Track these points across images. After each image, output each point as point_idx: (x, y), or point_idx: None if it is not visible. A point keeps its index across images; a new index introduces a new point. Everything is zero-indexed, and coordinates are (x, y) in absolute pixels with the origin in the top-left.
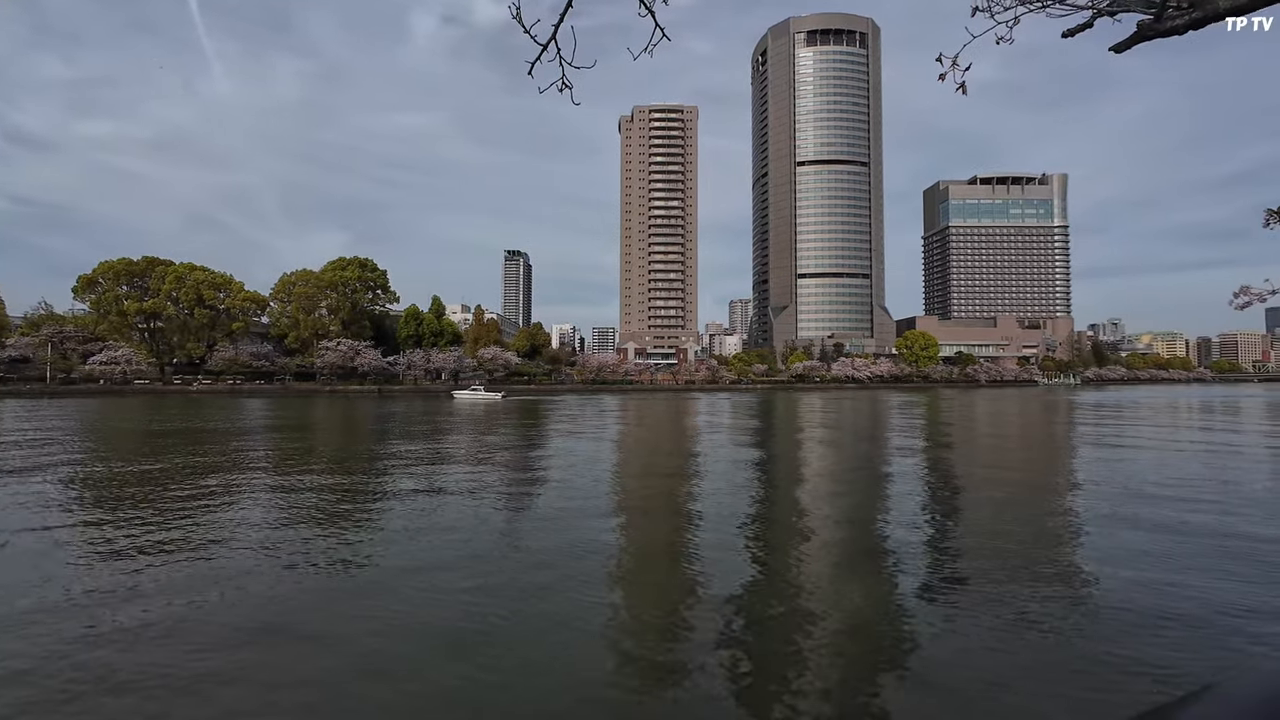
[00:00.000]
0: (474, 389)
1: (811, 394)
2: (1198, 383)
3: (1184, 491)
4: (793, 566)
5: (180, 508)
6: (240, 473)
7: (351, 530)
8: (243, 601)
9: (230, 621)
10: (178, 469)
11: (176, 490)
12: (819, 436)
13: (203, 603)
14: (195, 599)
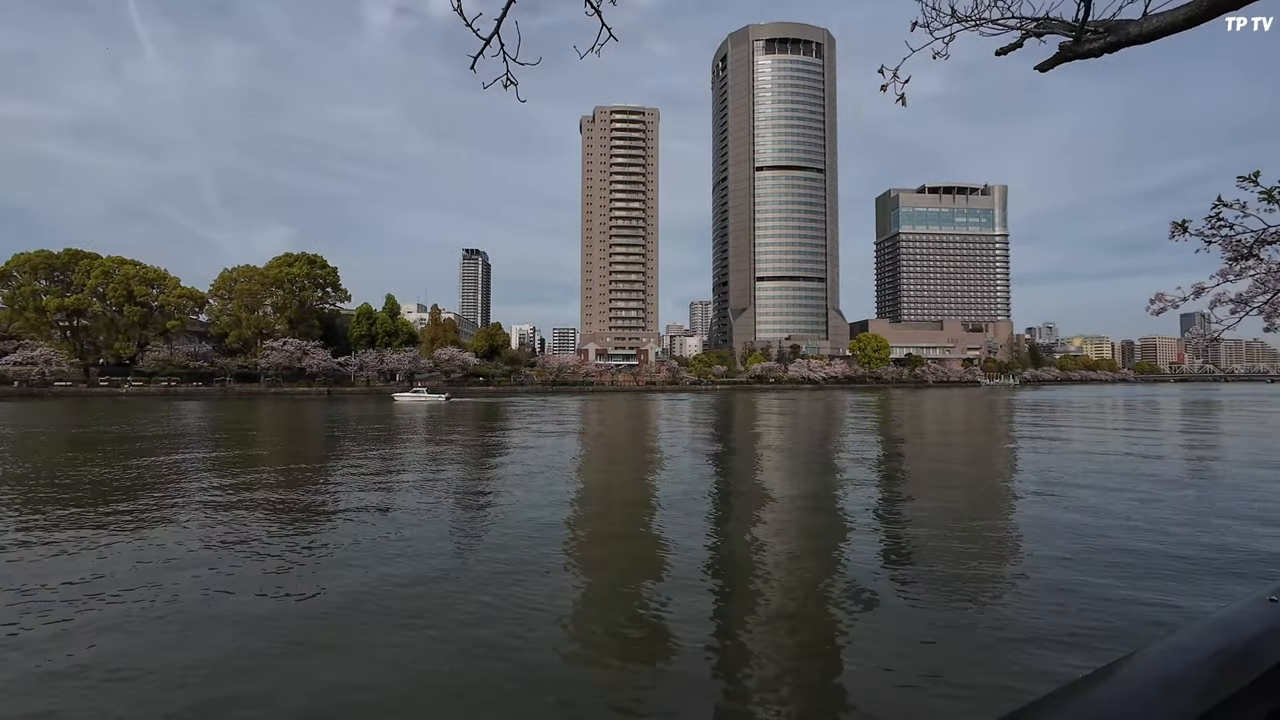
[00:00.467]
0: (416, 390)
1: (769, 394)
2: (1122, 383)
3: (1103, 480)
4: (754, 543)
5: (94, 524)
6: (149, 491)
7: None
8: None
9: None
10: (89, 480)
11: (89, 505)
12: (778, 435)
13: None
14: (114, 644)
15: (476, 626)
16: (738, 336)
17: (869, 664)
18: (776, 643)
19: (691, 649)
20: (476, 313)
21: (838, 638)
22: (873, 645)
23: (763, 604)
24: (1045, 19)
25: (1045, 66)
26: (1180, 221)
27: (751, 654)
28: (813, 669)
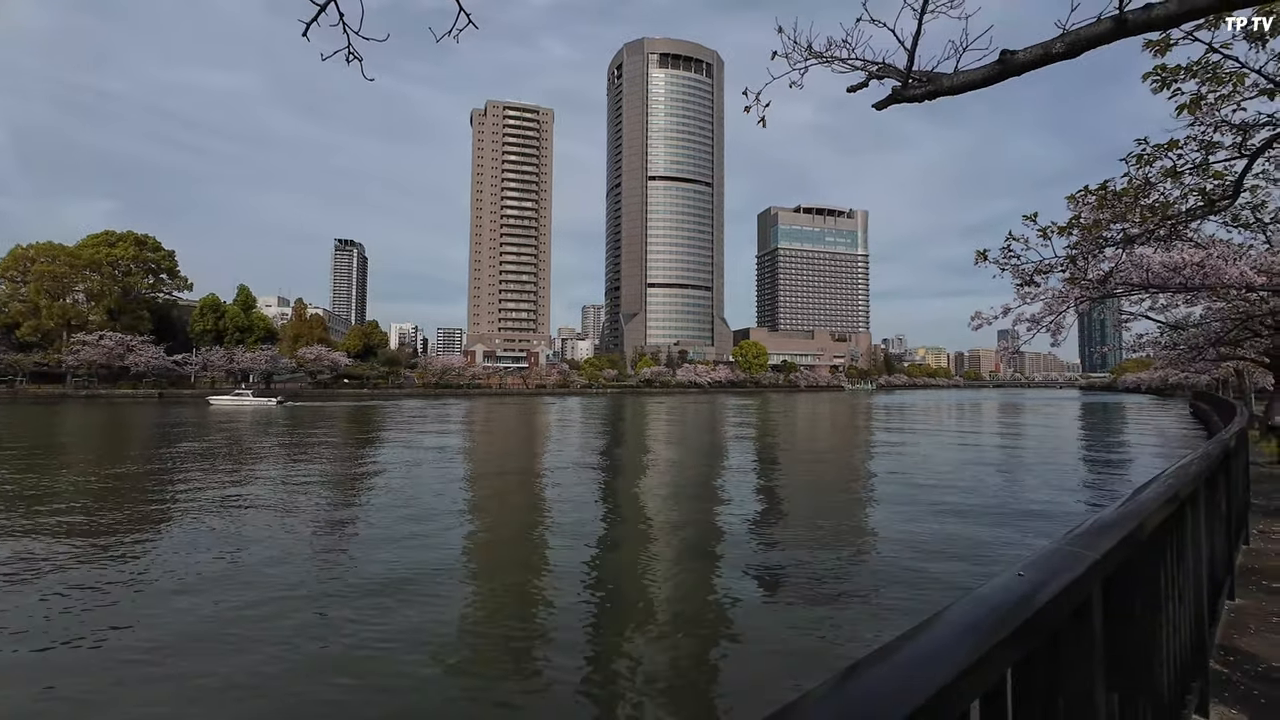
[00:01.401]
0: (239, 394)
1: (658, 398)
2: (954, 388)
3: (943, 466)
4: (639, 563)
5: None
6: None
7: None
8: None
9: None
10: None
11: None
12: (666, 444)
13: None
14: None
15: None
16: (629, 341)
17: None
18: (653, 657)
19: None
20: (351, 309)
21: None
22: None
23: (638, 617)
24: (884, 65)
25: (881, 105)
26: (982, 251)
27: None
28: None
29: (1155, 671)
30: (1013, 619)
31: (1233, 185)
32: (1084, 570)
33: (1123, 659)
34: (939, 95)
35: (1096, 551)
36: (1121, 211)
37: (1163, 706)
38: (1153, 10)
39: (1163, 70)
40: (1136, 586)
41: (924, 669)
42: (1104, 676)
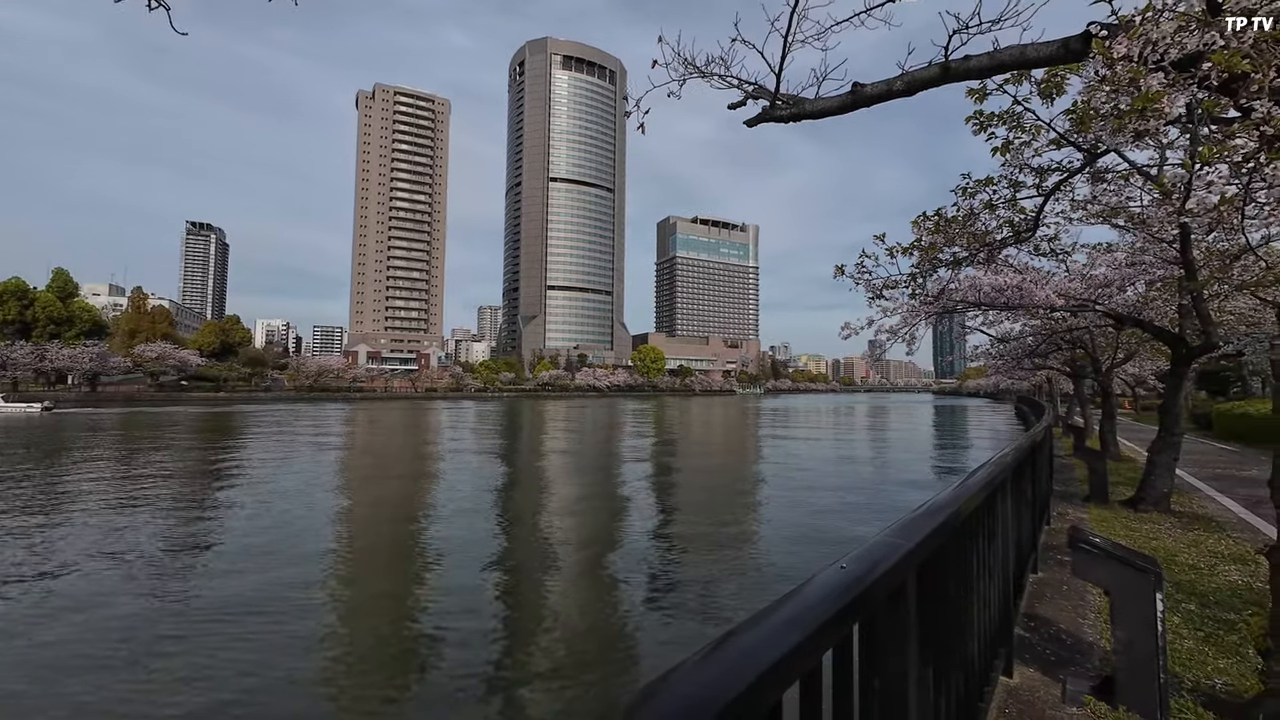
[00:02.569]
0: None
1: (557, 403)
2: (831, 392)
3: (818, 464)
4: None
5: None
6: None
7: None
8: None
9: None
10: None
11: None
12: (563, 452)
13: None
14: None
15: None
16: (527, 344)
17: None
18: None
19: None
20: (207, 303)
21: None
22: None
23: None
24: (757, 85)
25: (752, 122)
26: (840, 266)
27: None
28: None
29: (967, 642)
30: (832, 606)
31: (1033, 219)
32: (899, 558)
33: (938, 634)
34: (803, 118)
35: (912, 541)
36: (952, 236)
37: (973, 673)
38: (969, 61)
39: (980, 115)
40: (950, 568)
41: (750, 658)
42: (918, 652)
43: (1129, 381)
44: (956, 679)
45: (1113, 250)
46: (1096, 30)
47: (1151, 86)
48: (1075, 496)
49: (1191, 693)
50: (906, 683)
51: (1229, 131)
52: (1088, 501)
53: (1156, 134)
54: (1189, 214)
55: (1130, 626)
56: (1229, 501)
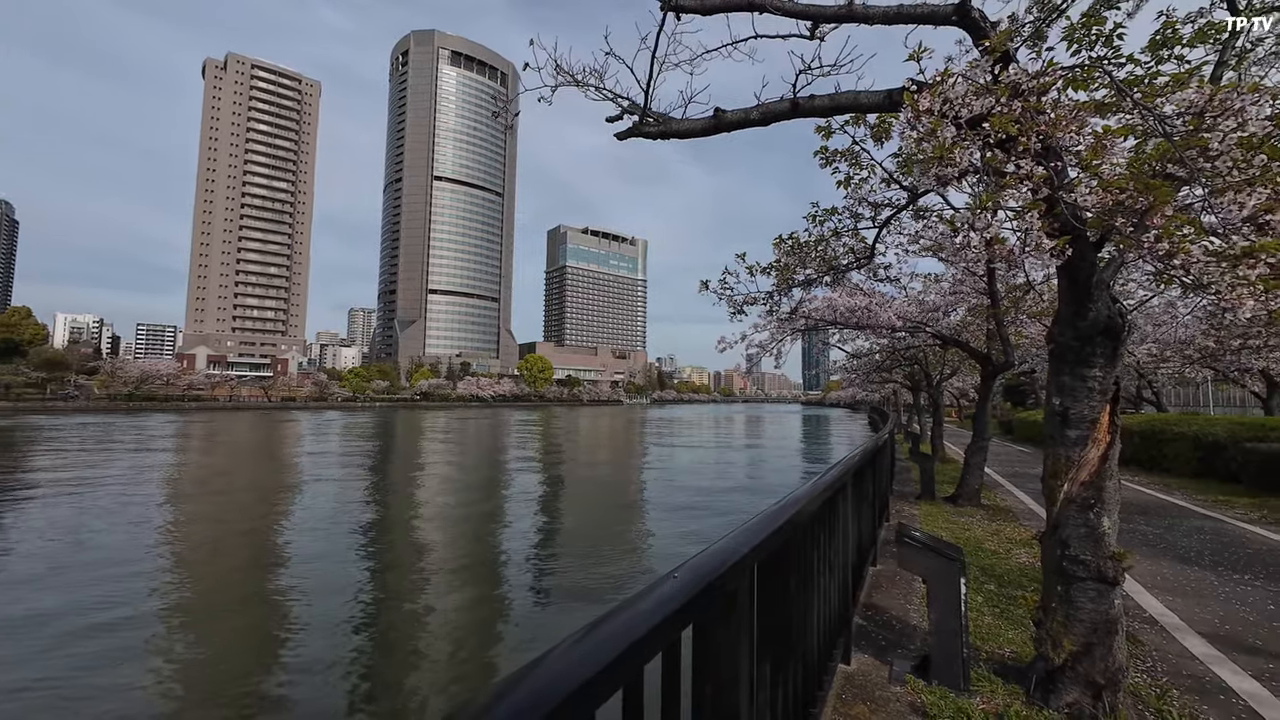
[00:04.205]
0: None
1: (437, 413)
2: (712, 402)
3: (701, 466)
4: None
5: None
6: None
7: None
8: None
9: None
10: None
11: None
12: (441, 451)
13: None
14: None
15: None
16: (404, 350)
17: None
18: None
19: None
20: None
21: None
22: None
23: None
24: (631, 101)
25: (621, 135)
26: (705, 281)
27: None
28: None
29: (808, 636)
30: (657, 615)
31: (869, 249)
32: (735, 563)
33: (778, 630)
34: (670, 136)
35: (749, 544)
36: (804, 259)
37: (812, 664)
38: (814, 100)
39: (825, 151)
40: (792, 567)
41: (564, 677)
42: (756, 651)
43: (955, 394)
44: (796, 671)
45: (940, 280)
46: (910, 86)
47: (947, 139)
48: (911, 494)
49: (987, 662)
50: (738, 686)
51: (1004, 183)
52: (920, 498)
53: (958, 180)
54: (973, 249)
55: (941, 609)
56: (1023, 495)
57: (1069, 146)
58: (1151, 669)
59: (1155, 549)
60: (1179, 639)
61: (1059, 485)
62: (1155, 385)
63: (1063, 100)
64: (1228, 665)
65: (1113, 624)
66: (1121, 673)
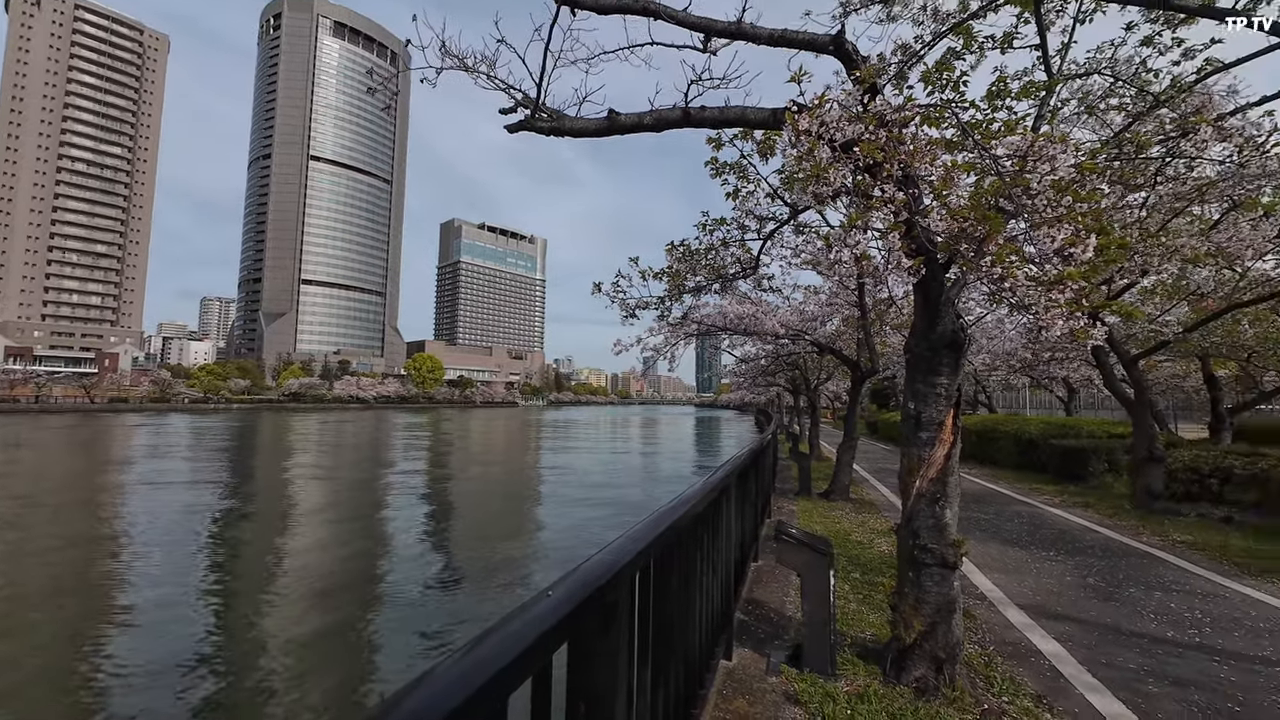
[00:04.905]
0: None
1: (309, 415)
2: (610, 404)
3: (591, 470)
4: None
5: None
6: None
7: None
8: None
9: None
10: None
11: None
12: (297, 460)
13: None
14: None
15: None
16: (272, 346)
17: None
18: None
19: None
20: None
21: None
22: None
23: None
24: (524, 94)
25: (512, 128)
26: (598, 284)
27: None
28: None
29: (690, 636)
30: (529, 635)
31: (754, 259)
32: (614, 574)
33: (661, 634)
34: (564, 134)
35: (630, 553)
36: (694, 266)
37: (695, 663)
38: (705, 111)
39: (716, 162)
40: (675, 570)
41: (441, 699)
42: (637, 657)
43: (830, 397)
44: (678, 673)
45: (819, 292)
46: (792, 107)
47: (821, 159)
48: (790, 491)
49: (851, 646)
50: (616, 698)
51: (870, 204)
52: (798, 495)
53: (833, 200)
54: (844, 264)
55: (813, 601)
56: (885, 489)
57: (924, 176)
58: (982, 640)
59: (986, 533)
60: (1002, 611)
61: (913, 481)
62: (988, 390)
63: (920, 135)
64: (1038, 631)
65: (952, 604)
66: (959, 646)
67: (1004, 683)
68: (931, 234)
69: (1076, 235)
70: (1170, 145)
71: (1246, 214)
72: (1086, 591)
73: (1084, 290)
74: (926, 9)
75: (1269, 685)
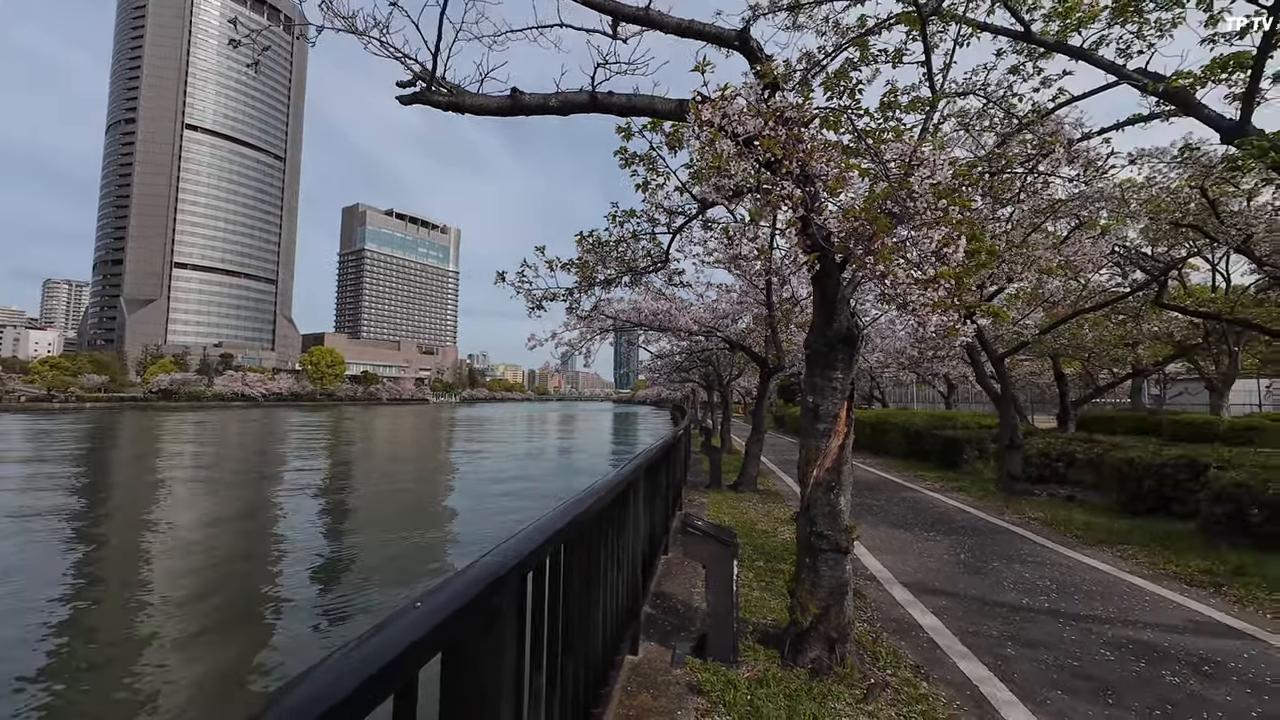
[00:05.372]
0: None
1: (183, 414)
2: (527, 401)
3: (504, 472)
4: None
5: None
6: None
7: None
8: None
9: None
10: None
11: None
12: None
13: None
14: None
15: None
16: (137, 336)
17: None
18: None
19: None
20: None
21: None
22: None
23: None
24: (422, 66)
25: (405, 100)
26: (501, 273)
27: None
28: None
29: (591, 635)
30: (389, 652)
31: (664, 253)
32: (496, 578)
33: (560, 629)
34: (464, 110)
35: (518, 556)
36: (604, 258)
37: (596, 662)
38: (612, 97)
39: (625, 152)
40: (573, 567)
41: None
42: (530, 657)
43: (741, 392)
44: (578, 673)
45: (730, 290)
46: (697, 98)
47: (724, 151)
48: (701, 484)
49: (752, 634)
50: (500, 705)
51: (769, 199)
52: (709, 487)
53: (735, 195)
54: (745, 259)
55: (717, 591)
56: (789, 480)
57: (820, 175)
58: (871, 618)
59: (878, 518)
60: (889, 590)
61: (810, 471)
62: (881, 386)
63: (819, 136)
64: (918, 606)
65: (844, 586)
66: (850, 626)
67: (888, 657)
68: (826, 232)
69: (949, 238)
70: (1031, 164)
71: (1088, 231)
72: (959, 567)
73: (955, 289)
74: (829, 20)
75: (1099, 641)
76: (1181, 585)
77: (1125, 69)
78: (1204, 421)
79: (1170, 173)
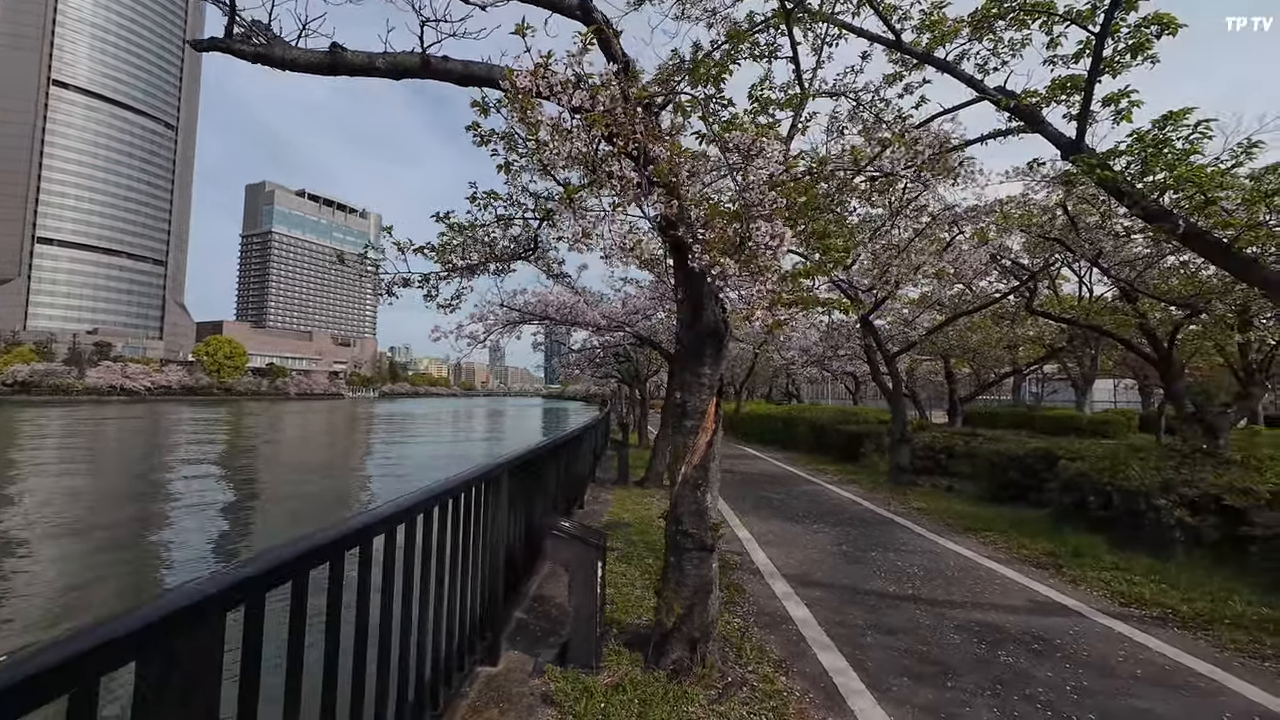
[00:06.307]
0: None
1: (45, 410)
2: (452, 396)
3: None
4: None
5: None
6: None
7: None
8: None
9: None
10: None
11: None
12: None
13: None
14: None
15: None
16: None
17: None
18: None
19: None
20: None
21: None
22: None
23: None
24: (240, 14)
25: (200, 45)
26: (340, 254)
27: None
28: None
29: (424, 648)
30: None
31: (533, 240)
32: (204, 598)
33: (378, 644)
34: (273, 64)
35: (213, 590)
36: (464, 243)
37: (426, 679)
38: (448, 63)
39: (479, 128)
40: (393, 574)
41: None
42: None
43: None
44: (402, 694)
45: (643, 286)
46: (518, 65)
47: (538, 119)
48: (610, 480)
49: (618, 637)
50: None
51: (597, 179)
52: (616, 483)
53: (564, 168)
54: (603, 244)
55: (580, 594)
56: None
57: (659, 158)
58: (745, 612)
59: (773, 510)
60: (770, 583)
61: (679, 469)
62: (797, 383)
63: (674, 124)
64: (794, 599)
65: (709, 585)
66: (712, 625)
67: (752, 653)
68: (667, 219)
69: (774, 230)
70: (913, 171)
71: (968, 240)
72: (840, 558)
73: (780, 286)
74: (715, 12)
75: (951, 625)
76: (1029, 568)
77: (984, 85)
78: (1069, 416)
79: (1038, 190)
